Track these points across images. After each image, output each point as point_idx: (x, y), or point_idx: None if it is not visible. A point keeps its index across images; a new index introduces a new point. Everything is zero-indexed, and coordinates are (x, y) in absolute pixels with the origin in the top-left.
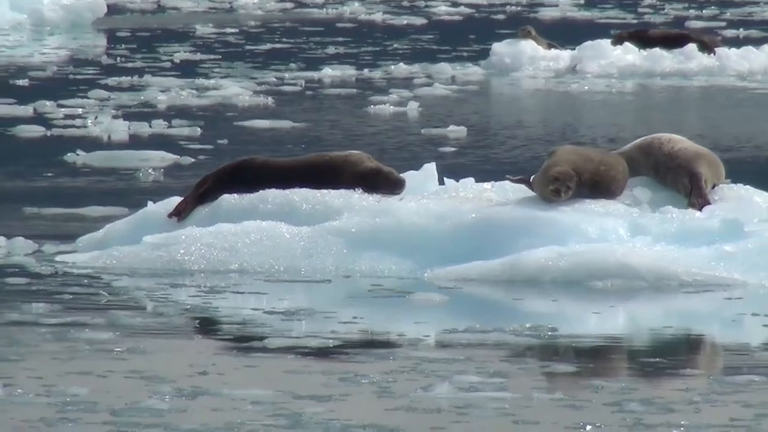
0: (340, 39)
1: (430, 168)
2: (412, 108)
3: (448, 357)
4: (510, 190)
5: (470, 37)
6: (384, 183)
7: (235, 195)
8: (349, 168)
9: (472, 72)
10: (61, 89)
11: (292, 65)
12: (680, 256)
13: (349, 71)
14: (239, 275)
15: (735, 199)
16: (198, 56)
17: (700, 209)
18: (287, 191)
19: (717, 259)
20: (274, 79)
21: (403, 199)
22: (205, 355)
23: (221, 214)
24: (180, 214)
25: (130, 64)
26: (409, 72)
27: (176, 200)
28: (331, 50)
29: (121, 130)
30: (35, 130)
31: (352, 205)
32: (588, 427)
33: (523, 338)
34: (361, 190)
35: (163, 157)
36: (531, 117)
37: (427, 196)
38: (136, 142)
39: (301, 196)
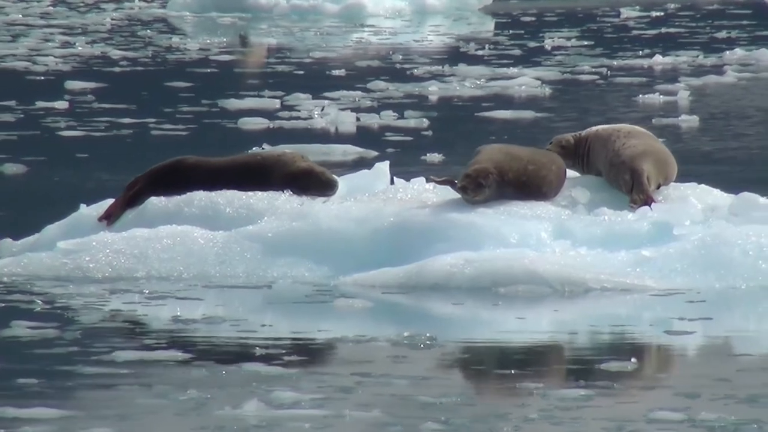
0: (745, 23)
1: (383, 167)
2: (682, 97)
3: (284, 372)
4: (452, 192)
5: None
6: (315, 184)
7: (163, 198)
8: (280, 168)
9: None
10: (355, 80)
11: (640, 52)
12: (595, 262)
13: (676, 60)
14: (144, 282)
15: (677, 199)
16: (570, 42)
17: (640, 207)
18: (213, 193)
19: (633, 265)
20: (587, 68)
21: (327, 201)
22: (48, 370)
23: (147, 217)
24: (110, 217)
25: (480, 52)
26: (731, 58)
27: (109, 203)
28: (721, 35)
29: (348, 122)
30: (257, 123)
31: (276, 207)
32: None
33: (396, 348)
34: (290, 192)
35: (345, 151)
36: None
37: (357, 198)
38: (361, 134)
39: (226, 198)
